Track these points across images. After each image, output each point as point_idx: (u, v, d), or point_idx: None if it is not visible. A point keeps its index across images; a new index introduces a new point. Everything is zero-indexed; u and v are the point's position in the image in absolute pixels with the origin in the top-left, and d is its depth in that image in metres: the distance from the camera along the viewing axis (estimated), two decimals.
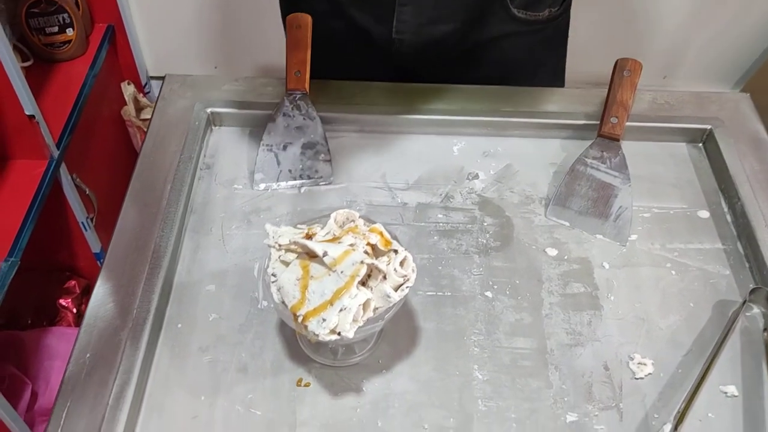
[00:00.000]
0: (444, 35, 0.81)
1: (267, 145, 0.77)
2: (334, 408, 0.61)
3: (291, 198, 0.76)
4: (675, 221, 0.75)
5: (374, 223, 0.60)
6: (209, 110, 0.80)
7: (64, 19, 1.33)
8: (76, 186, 1.35)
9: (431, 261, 0.71)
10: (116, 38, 1.55)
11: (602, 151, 0.76)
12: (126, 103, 1.57)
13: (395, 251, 0.58)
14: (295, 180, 0.77)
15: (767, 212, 0.72)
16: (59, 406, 0.57)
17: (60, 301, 1.43)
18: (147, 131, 0.78)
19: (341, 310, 0.54)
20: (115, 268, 0.67)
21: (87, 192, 1.40)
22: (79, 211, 1.37)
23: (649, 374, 0.63)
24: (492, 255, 0.71)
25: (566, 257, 0.71)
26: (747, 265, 0.71)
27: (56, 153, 1.24)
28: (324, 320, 0.54)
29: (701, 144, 0.82)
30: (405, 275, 0.57)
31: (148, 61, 1.64)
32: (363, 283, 0.56)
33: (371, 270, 0.56)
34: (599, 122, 0.78)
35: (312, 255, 0.57)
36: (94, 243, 1.42)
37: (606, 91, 0.80)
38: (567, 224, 0.74)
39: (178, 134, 0.78)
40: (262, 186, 0.76)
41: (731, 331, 0.65)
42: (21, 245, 1.12)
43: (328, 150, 0.77)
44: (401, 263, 0.57)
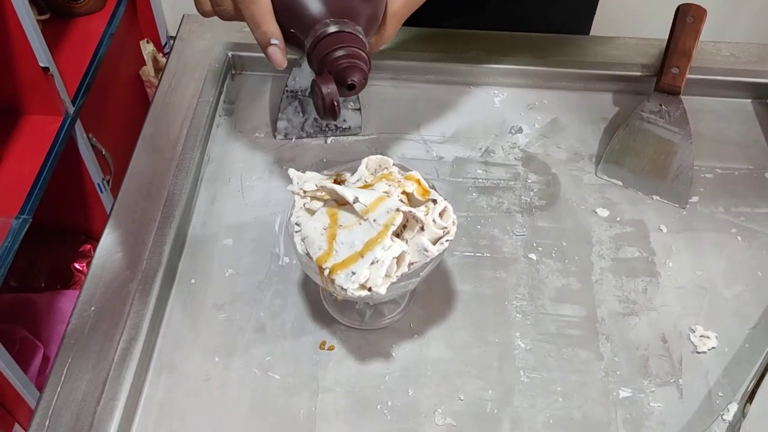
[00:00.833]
0: None
1: (291, 92, 0.71)
2: (361, 374, 0.55)
3: (316, 149, 0.70)
4: (740, 183, 0.67)
5: (410, 171, 0.54)
6: (229, 53, 0.74)
7: None
8: (92, 146, 1.31)
9: (469, 219, 0.64)
10: None
11: (661, 105, 0.69)
12: (145, 63, 1.52)
13: (434, 201, 0.52)
14: (322, 130, 0.70)
15: None
16: (59, 363, 0.52)
17: (74, 265, 1.40)
18: (163, 72, 0.72)
19: (373, 263, 0.48)
20: (125, 216, 0.61)
21: (103, 152, 1.35)
22: (95, 172, 1.33)
23: (713, 348, 0.57)
24: (536, 214, 0.65)
25: (619, 219, 0.65)
26: None
27: (71, 109, 1.20)
28: (353, 274, 0.47)
29: None
30: (445, 227, 0.50)
31: (169, 19, 1.58)
32: (397, 235, 0.50)
33: (407, 220, 0.50)
34: (658, 74, 0.71)
35: (341, 202, 0.51)
36: (110, 206, 1.38)
37: (665, 41, 0.73)
38: (620, 183, 0.67)
39: (196, 78, 0.72)
40: (286, 135, 0.70)
41: None
42: (33, 203, 1.08)
43: (358, 98, 0.71)
44: (440, 214, 0.51)
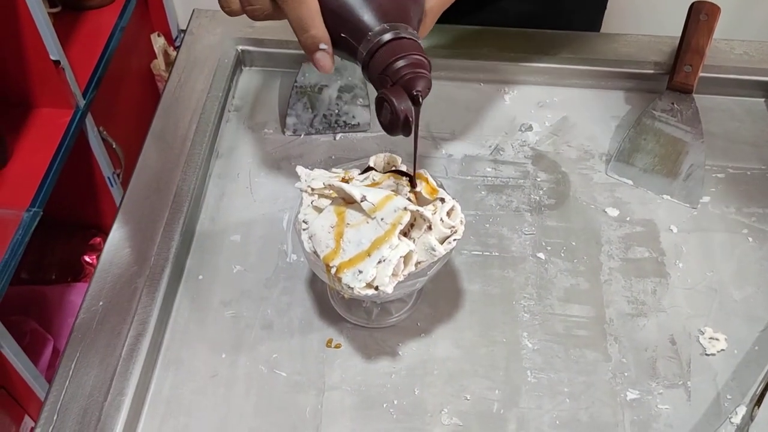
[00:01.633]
0: None
1: (300, 87, 0.71)
2: (367, 372, 0.55)
3: (325, 145, 0.69)
4: (753, 183, 0.67)
5: (419, 169, 0.54)
6: (239, 48, 0.74)
7: None
8: (103, 139, 1.31)
9: (478, 218, 0.64)
10: None
11: (673, 103, 0.69)
12: (155, 57, 1.52)
13: (442, 200, 0.51)
14: (330, 126, 0.70)
15: None
16: (67, 357, 0.53)
17: (85, 258, 1.40)
18: (172, 67, 0.72)
19: (380, 262, 0.47)
20: (134, 212, 0.61)
21: (114, 146, 1.36)
22: (106, 166, 1.33)
23: (722, 350, 0.56)
24: (545, 213, 0.64)
25: (629, 218, 0.64)
26: None
27: (82, 103, 1.20)
28: (360, 272, 0.47)
29: None
30: (452, 226, 0.50)
31: (180, 13, 1.58)
32: (405, 234, 0.50)
33: (415, 219, 0.50)
34: (670, 72, 0.70)
35: (349, 200, 0.51)
36: (120, 199, 1.38)
37: (677, 39, 0.72)
38: (630, 182, 0.67)
39: (206, 72, 0.72)
40: (295, 131, 0.70)
41: None
42: (44, 196, 1.09)
43: (367, 94, 0.71)
44: (448, 213, 0.51)
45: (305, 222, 0.52)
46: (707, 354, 0.56)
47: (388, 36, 0.46)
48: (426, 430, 0.52)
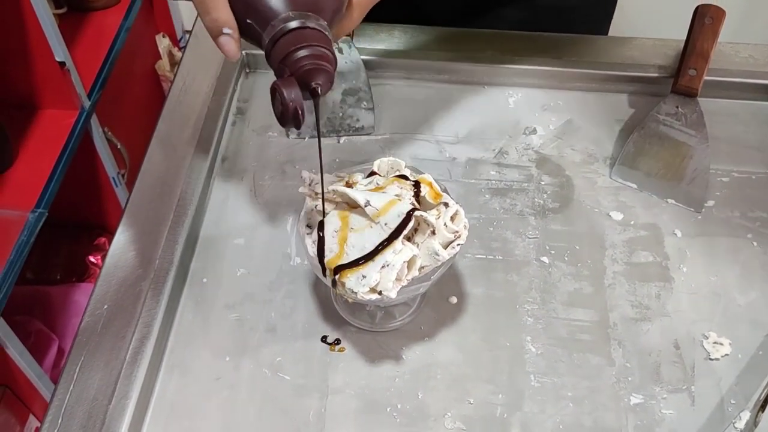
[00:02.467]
0: None
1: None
2: (371, 376, 0.55)
3: (329, 148, 0.69)
4: (757, 187, 0.66)
5: (422, 174, 0.54)
6: (244, 52, 0.74)
7: None
8: (108, 140, 1.32)
9: (482, 221, 0.64)
10: None
11: (677, 107, 0.68)
12: (160, 57, 1.52)
13: (445, 204, 0.52)
14: (335, 129, 0.70)
15: None
16: (72, 360, 0.53)
17: (89, 258, 1.41)
18: (177, 70, 0.72)
19: (383, 267, 0.48)
20: (138, 215, 0.62)
21: (118, 146, 1.36)
22: (110, 166, 1.34)
23: (726, 355, 0.56)
24: (549, 217, 0.64)
25: (633, 222, 0.64)
26: None
27: (87, 104, 1.21)
28: (364, 277, 0.47)
29: None
30: (456, 231, 0.50)
31: (184, 14, 1.58)
32: (409, 238, 0.50)
33: (418, 223, 0.50)
34: (675, 75, 0.70)
35: (352, 205, 0.51)
36: (125, 200, 1.39)
37: (683, 42, 0.72)
38: (634, 186, 0.67)
39: (210, 76, 0.72)
40: (299, 135, 0.70)
41: None
42: (49, 197, 1.09)
43: (371, 98, 0.71)
44: (452, 218, 0.51)
45: (309, 227, 0.52)
46: (711, 359, 0.56)
47: (293, 24, 0.44)
48: None
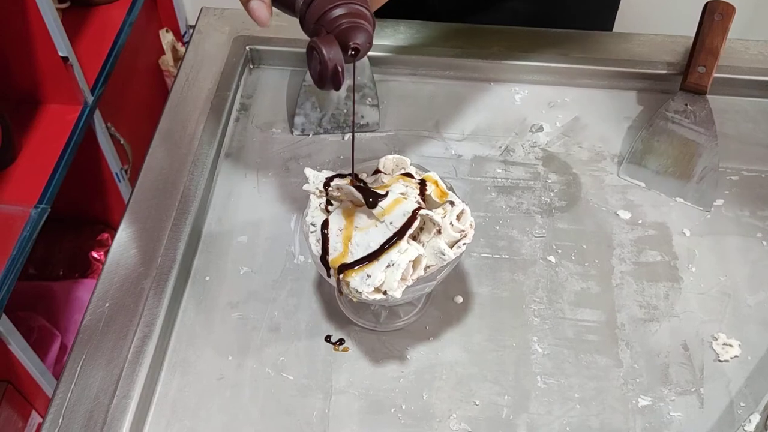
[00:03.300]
0: None
1: (309, 87, 0.70)
2: (375, 376, 0.54)
3: (333, 145, 0.69)
4: (767, 186, 0.66)
5: (428, 172, 0.53)
6: (248, 47, 0.74)
7: None
8: (111, 135, 1.31)
9: (488, 220, 0.63)
10: None
11: (686, 105, 0.68)
12: (164, 52, 1.52)
13: (451, 203, 0.51)
14: (339, 126, 0.70)
15: None
16: (73, 359, 0.52)
17: (92, 254, 1.40)
18: (180, 66, 0.71)
19: (388, 266, 0.47)
20: (140, 211, 0.61)
21: (122, 142, 1.35)
22: (113, 162, 1.33)
23: (735, 357, 0.55)
24: (556, 215, 0.64)
25: (641, 221, 0.63)
26: None
27: (90, 99, 1.20)
28: (368, 277, 0.47)
29: None
30: (462, 230, 0.49)
31: (188, 8, 1.58)
32: (414, 237, 0.49)
33: (424, 222, 0.49)
34: (684, 72, 0.69)
35: (357, 203, 0.50)
36: (128, 195, 1.38)
37: (692, 39, 0.71)
38: (642, 185, 0.66)
39: (214, 71, 0.71)
40: (303, 131, 0.69)
41: None
42: (52, 193, 1.08)
43: (376, 94, 0.70)
44: (458, 217, 0.50)
45: (313, 225, 0.51)
46: (720, 360, 0.55)
47: None
48: None
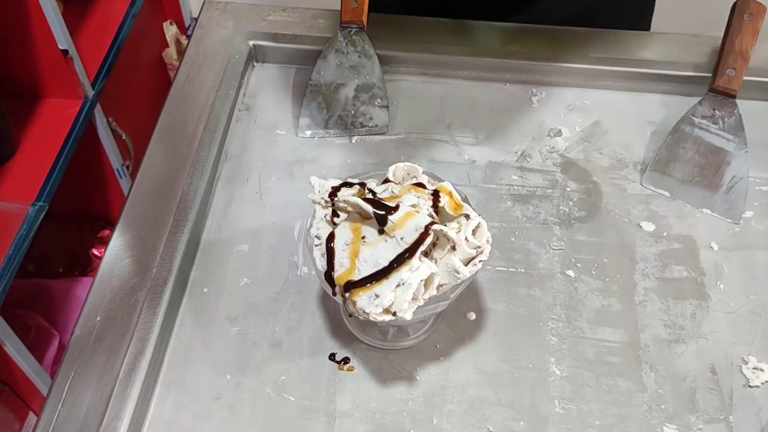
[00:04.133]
0: None
1: (315, 86, 0.67)
2: (381, 398, 0.51)
3: (340, 148, 0.65)
4: None
5: (441, 181, 0.50)
6: (252, 43, 0.70)
7: None
8: (112, 130, 1.28)
9: (503, 230, 0.60)
10: None
11: (714, 109, 0.64)
12: (167, 45, 1.48)
13: (466, 216, 0.47)
14: (346, 128, 0.66)
15: None
16: (62, 376, 0.49)
17: (93, 251, 1.38)
18: (180, 62, 0.68)
19: (398, 286, 0.44)
20: (136, 218, 0.58)
21: (123, 137, 1.32)
22: (115, 158, 1.30)
23: (767, 382, 0.52)
24: (575, 227, 0.60)
25: (665, 234, 0.60)
26: None
27: (91, 93, 1.17)
28: (377, 296, 0.44)
29: None
30: (478, 246, 0.46)
31: (193, 0, 1.54)
32: (426, 254, 0.46)
33: (437, 238, 0.46)
34: (712, 74, 0.66)
35: (365, 215, 0.47)
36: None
37: (720, 39, 0.67)
38: (667, 194, 0.62)
39: (216, 68, 0.68)
40: (308, 133, 0.66)
41: None
42: (50, 190, 1.06)
43: (386, 94, 0.66)
44: (474, 231, 0.47)
45: (318, 237, 0.48)
46: (751, 386, 0.52)
47: None
48: None
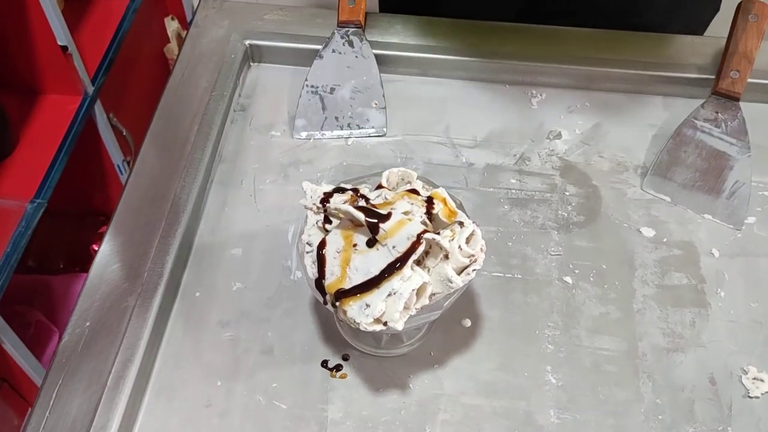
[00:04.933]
0: None
1: (312, 87, 0.66)
2: (374, 407, 0.50)
3: (336, 150, 0.64)
4: None
5: (436, 187, 0.49)
6: (248, 42, 0.69)
7: None
8: (113, 126, 1.28)
9: (500, 235, 0.59)
10: None
11: (717, 112, 0.63)
12: (169, 41, 1.47)
13: (460, 224, 0.46)
14: (343, 129, 0.65)
15: None
16: (49, 384, 0.49)
17: (93, 247, 1.37)
18: (175, 62, 0.67)
19: (390, 295, 0.43)
20: (127, 221, 0.57)
21: (124, 133, 1.32)
22: (115, 153, 1.30)
23: (767, 393, 0.51)
24: (574, 232, 0.59)
25: (665, 240, 0.59)
26: None
27: (91, 89, 1.16)
28: (367, 306, 0.43)
29: None
30: (472, 255, 0.45)
31: None
32: (419, 262, 0.45)
33: (430, 246, 0.45)
34: (715, 76, 0.64)
35: (357, 222, 0.46)
36: None
37: (724, 40, 0.66)
38: (668, 199, 0.61)
39: (211, 68, 0.67)
40: (304, 134, 0.65)
41: None
42: (50, 186, 1.05)
43: (383, 95, 0.66)
44: (467, 240, 0.46)
45: (309, 245, 0.47)
46: (750, 396, 0.51)
47: None
48: None
